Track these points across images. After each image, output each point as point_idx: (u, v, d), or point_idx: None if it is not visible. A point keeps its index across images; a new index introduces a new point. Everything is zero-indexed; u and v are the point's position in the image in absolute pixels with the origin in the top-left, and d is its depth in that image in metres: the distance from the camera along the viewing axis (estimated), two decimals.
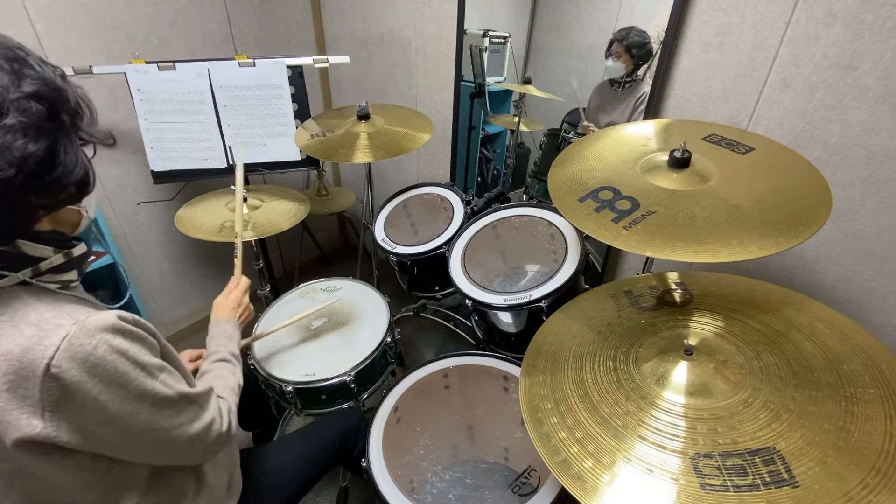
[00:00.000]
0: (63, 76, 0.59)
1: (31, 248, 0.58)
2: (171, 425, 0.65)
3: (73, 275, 0.64)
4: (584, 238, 1.20)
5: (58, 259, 0.61)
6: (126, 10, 1.56)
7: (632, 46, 1.27)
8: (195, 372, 0.98)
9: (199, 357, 1.04)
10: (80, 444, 0.57)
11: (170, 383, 0.64)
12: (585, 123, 1.48)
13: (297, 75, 1.61)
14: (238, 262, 1.13)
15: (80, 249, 0.64)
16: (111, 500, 0.65)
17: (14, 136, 0.51)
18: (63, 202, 0.60)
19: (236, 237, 1.17)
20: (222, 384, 0.83)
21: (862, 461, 0.57)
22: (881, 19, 0.88)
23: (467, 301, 1.21)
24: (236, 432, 0.78)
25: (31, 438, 0.54)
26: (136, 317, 0.62)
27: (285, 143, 1.66)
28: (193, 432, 0.68)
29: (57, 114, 0.56)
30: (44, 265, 0.59)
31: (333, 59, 1.61)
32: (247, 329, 1.11)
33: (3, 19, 1.36)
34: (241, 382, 0.89)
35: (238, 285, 1.07)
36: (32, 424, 0.53)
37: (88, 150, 0.63)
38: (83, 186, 0.61)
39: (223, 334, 0.96)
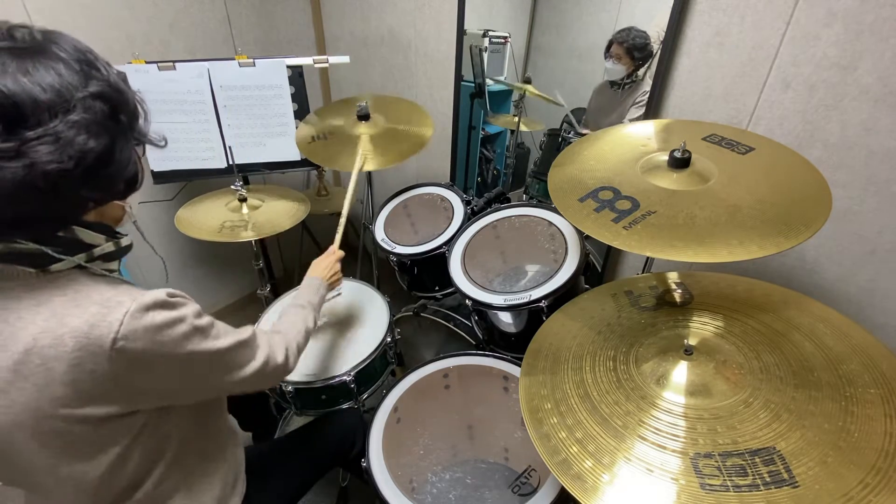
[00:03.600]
0: (125, 80, 0.63)
1: (85, 234, 0.61)
2: (229, 369, 0.71)
3: (115, 265, 0.67)
4: (584, 238, 1.20)
5: (109, 247, 0.64)
6: (126, 10, 1.56)
7: (632, 48, 1.27)
8: None
9: None
10: (149, 404, 0.64)
11: (221, 335, 0.69)
12: (584, 131, 1.48)
13: (297, 75, 1.60)
14: (339, 233, 1.26)
15: (126, 241, 0.68)
16: (139, 476, 0.68)
17: (77, 132, 0.54)
18: (112, 197, 0.64)
19: (342, 215, 1.29)
20: (286, 324, 0.91)
21: (862, 461, 0.57)
22: (881, 19, 0.88)
23: (467, 301, 1.21)
24: (294, 365, 0.84)
25: (95, 409, 0.58)
26: (182, 292, 0.66)
27: (285, 143, 1.66)
28: (251, 371, 0.73)
29: (117, 114, 0.60)
30: (97, 251, 0.63)
31: (333, 59, 1.60)
32: None
33: (3, 19, 1.36)
34: (311, 325, 0.95)
35: (334, 253, 1.19)
36: (101, 394, 0.58)
37: (139, 150, 0.67)
38: (132, 183, 0.65)
39: (310, 286, 1.06)
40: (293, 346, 0.85)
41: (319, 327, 1.34)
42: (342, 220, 1.27)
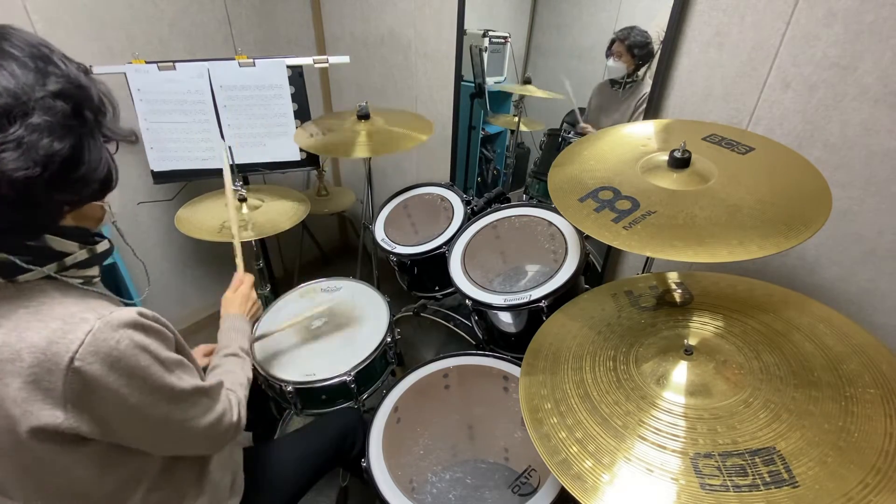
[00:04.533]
0: (86, 72, 0.59)
1: (57, 242, 0.59)
2: (185, 417, 0.67)
3: (95, 270, 0.65)
4: (584, 238, 1.20)
5: (82, 254, 0.62)
6: (126, 10, 1.56)
7: (634, 46, 1.27)
8: (206, 368, 1.00)
9: (211, 352, 1.05)
10: (100, 435, 0.59)
11: (184, 377, 0.66)
12: (583, 125, 1.48)
13: (297, 75, 1.61)
14: (239, 259, 1.14)
15: (102, 246, 0.66)
16: (122, 492, 0.67)
17: (40, 135, 0.51)
18: (87, 199, 0.61)
19: (233, 237, 1.18)
20: (232, 378, 0.85)
21: (862, 461, 0.57)
22: (881, 19, 0.88)
23: (467, 301, 1.21)
24: (244, 424, 0.80)
25: (53, 428, 0.55)
26: (155, 314, 0.63)
27: (285, 143, 1.66)
28: (206, 423, 0.70)
29: (81, 112, 0.56)
30: (69, 260, 0.60)
31: (333, 59, 1.61)
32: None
33: (3, 19, 1.36)
34: (251, 376, 0.91)
35: (242, 280, 1.09)
36: (55, 415, 0.54)
37: (111, 147, 0.64)
38: (106, 183, 0.62)
39: (233, 329, 0.97)
40: (243, 402, 0.82)
41: (319, 327, 1.34)
42: (236, 241, 1.16)
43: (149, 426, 0.63)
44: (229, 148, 1.62)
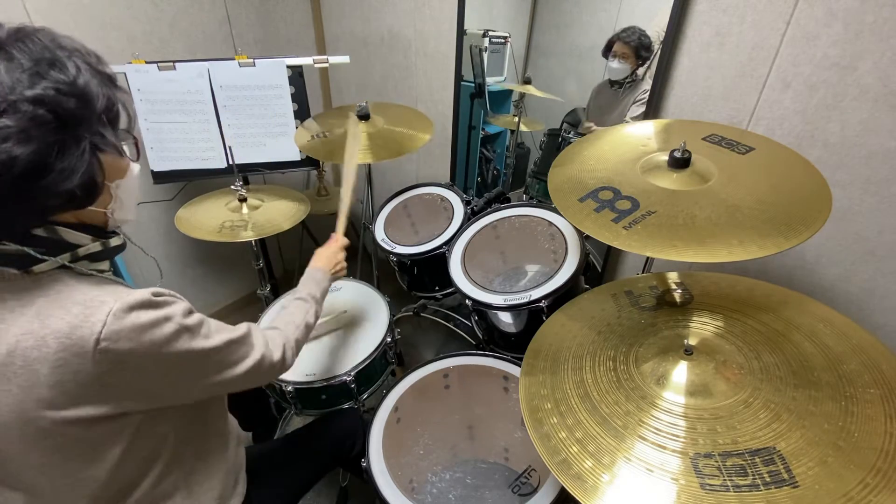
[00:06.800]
0: (108, 81, 0.60)
1: (69, 234, 0.60)
2: (220, 368, 0.69)
3: (106, 265, 0.66)
4: (584, 238, 1.20)
5: (95, 247, 0.63)
6: (126, 10, 1.56)
7: (640, 48, 1.27)
8: None
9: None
10: (142, 405, 0.62)
11: (213, 334, 0.67)
12: (588, 124, 1.48)
13: (297, 75, 1.61)
14: (341, 221, 1.19)
15: (116, 241, 0.67)
16: (138, 475, 0.68)
17: (1, 139, 0.49)
18: (76, 205, 0.59)
19: (342, 199, 1.22)
20: (287, 319, 0.89)
21: (862, 461, 0.57)
22: (881, 19, 0.88)
23: (467, 301, 1.21)
24: (292, 362, 0.84)
25: (84, 409, 0.57)
26: (169, 290, 0.65)
27: (285, 143, 1.66)
28: (244, 369, 0.72)
29: (63, 120, 0.53)
30: (81, 251, 0.61)
31: (333, 59, 1.61)
32: None
33: (3, 19, 1.36)
34: (311, 321, 0.93)
35: (337, 241, 1.14)
36: (86, 396, 0.56)
37: (133, 153, 0.65)
38: (89, 192, 0.59)
39: (312, 279, 1.02)
40: (291, 341, 0.84)
41: (319, 326, 1.34)
42: (343, 207, 1.20)
43: (187, 384, 0.66)
44: (229, 148, 1.62)
